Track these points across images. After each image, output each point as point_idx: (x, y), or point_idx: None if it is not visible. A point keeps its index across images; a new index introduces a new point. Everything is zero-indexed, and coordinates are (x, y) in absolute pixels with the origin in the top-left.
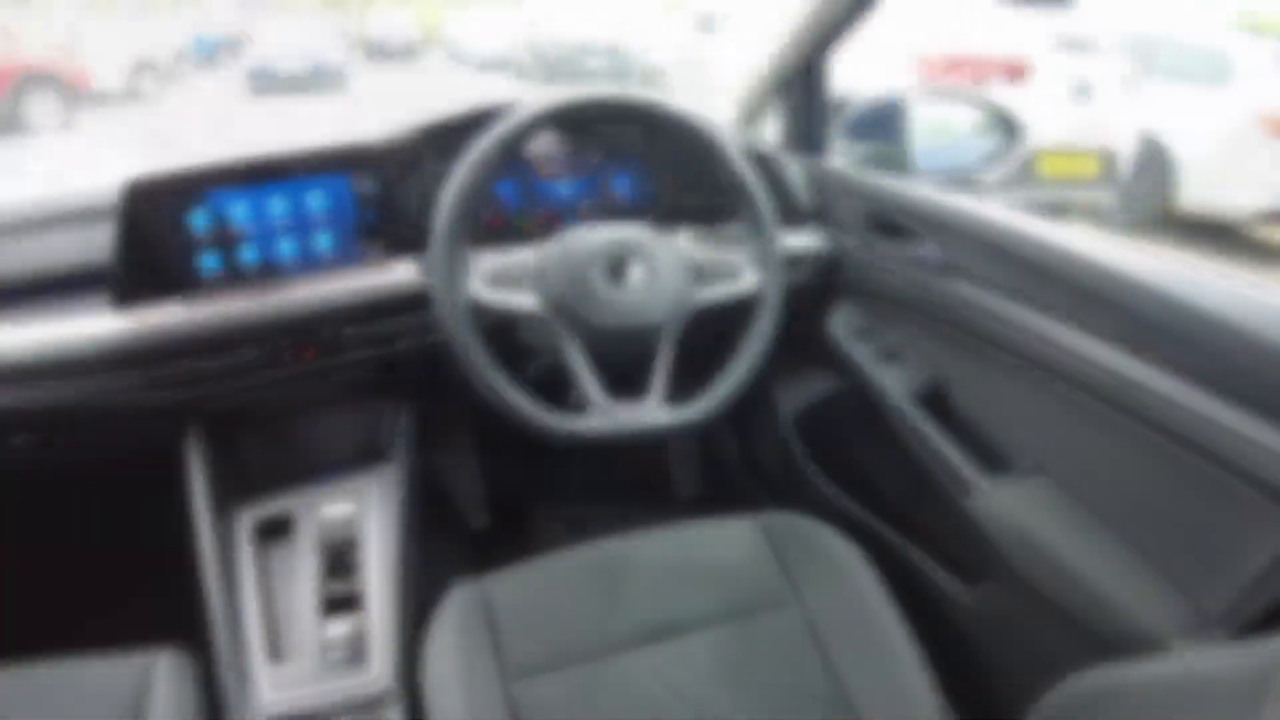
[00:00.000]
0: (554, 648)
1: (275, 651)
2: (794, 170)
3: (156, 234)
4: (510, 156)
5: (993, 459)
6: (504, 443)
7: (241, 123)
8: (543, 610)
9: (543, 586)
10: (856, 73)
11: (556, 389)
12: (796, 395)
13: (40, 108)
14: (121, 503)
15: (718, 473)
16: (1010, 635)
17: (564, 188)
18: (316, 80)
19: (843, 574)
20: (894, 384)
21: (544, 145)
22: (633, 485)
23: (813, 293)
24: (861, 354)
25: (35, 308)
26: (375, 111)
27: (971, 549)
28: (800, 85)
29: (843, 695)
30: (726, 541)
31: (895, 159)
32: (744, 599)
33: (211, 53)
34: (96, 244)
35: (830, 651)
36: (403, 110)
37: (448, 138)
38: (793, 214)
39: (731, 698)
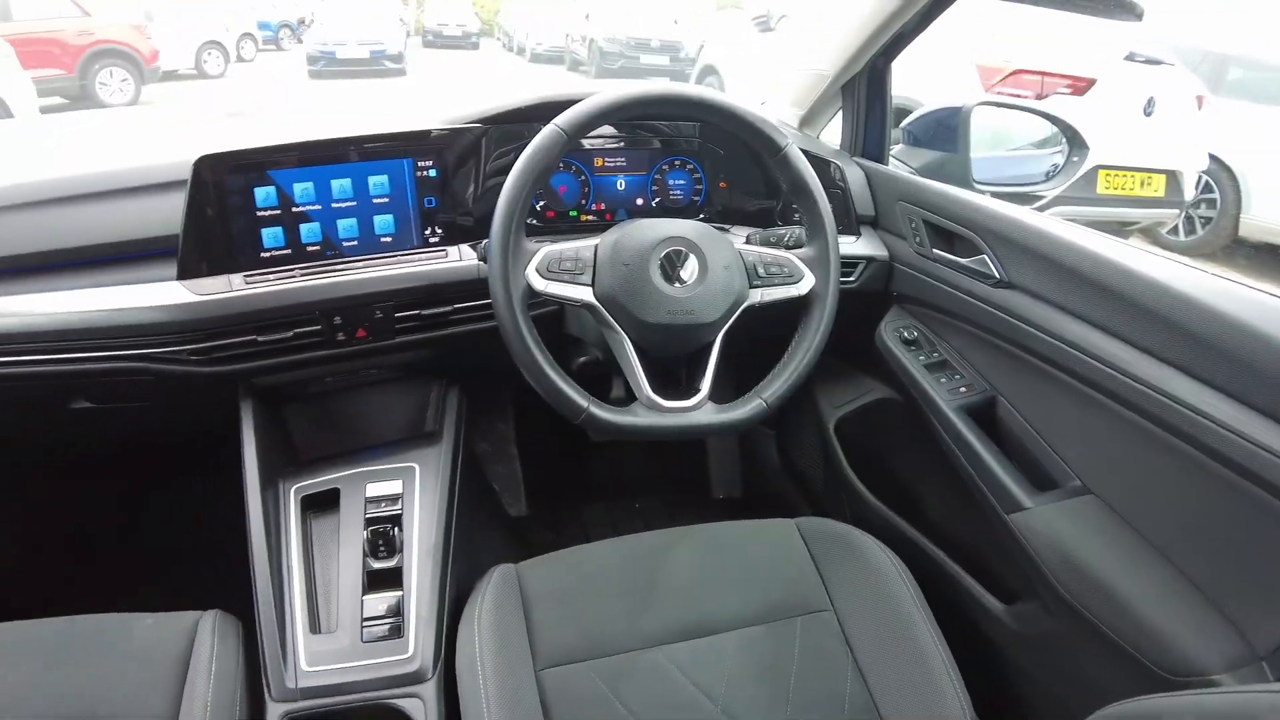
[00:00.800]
0: (586, 637)
1: (315, 623)
2: (853, 174)
3: (223, 208)
4: (571, 148)
5: (1039, 476)
6: (544, 433)
7: (303, 103)
8: (577, 600)
9: (579, 576)
10: (914, 80)
11: (598, 383)
12: (840, 401)
13: (112, 83)
14: (175, 471)
15: (755, 474)
16: (1048, 657)
17: (619, 182)
18: (375, 66)
19: (880, 582)
20: (942, 395)
21: (601, 139)
22: (669, 482)
23: (865, 298)
24: (911, 363)
25: (102, 274)
26: (432, 99)
27: (1012, 566)
28: (862, 90)
29: (873, 704)
30: (764, 542)
31: (954, 168)
32: (779, 601)
33: (275, 35)
34: (164, 215)
35: (863, 659)
36: (457, 99)
37: (509, 127)
38: (849, 219)
39: (761, 699)
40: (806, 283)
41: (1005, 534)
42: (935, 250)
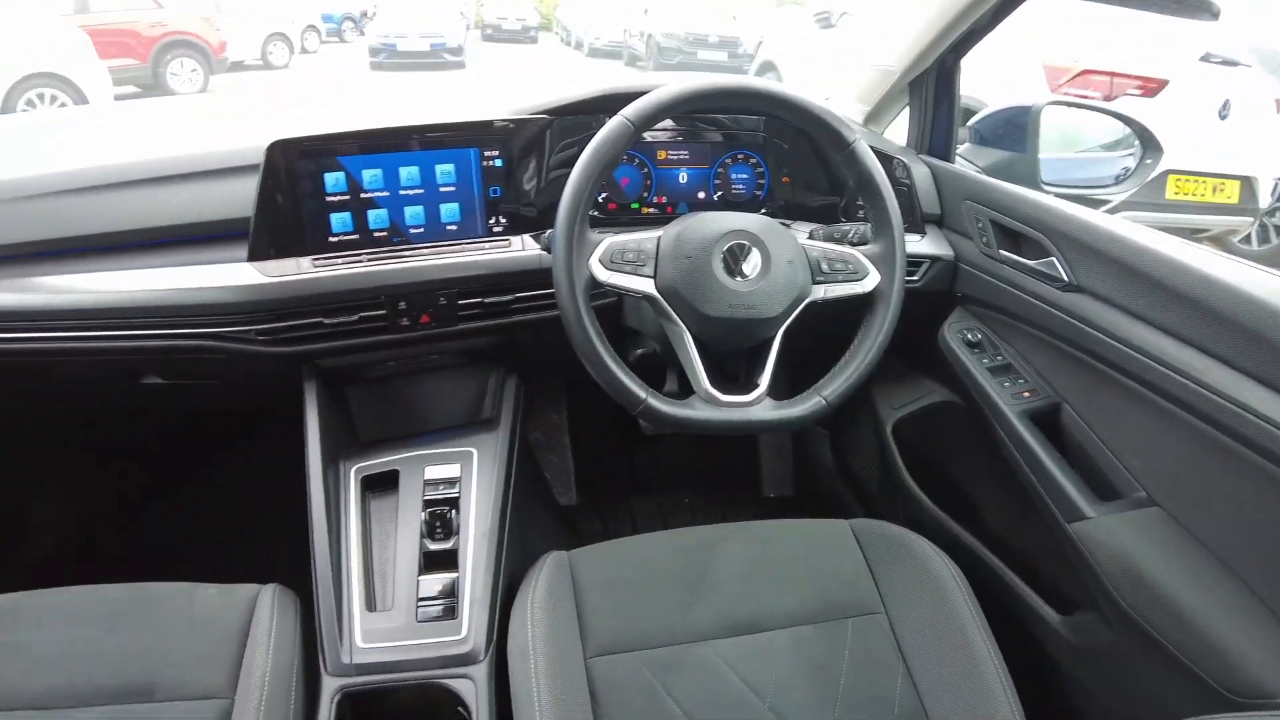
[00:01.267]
0: (636, 628)
1: (371, 601)
2: (919, 172)
3: (294, 193)
4: (636, 140)
5: (1102, 486)
6: (596, 424)
7: (365, 94)
8: (628, 590)
9: (630, 566)
10: (978, 78)
11: (652, 376)
12: (899, 402)
13: (182, 73)
14: (238, 447)
15: (807, 474)
16: (1106, 671)
17: (681, 175)
18: (434, 58)
19: (934, 587)
20: (1005, 399)
21: (663, 132)
22: (719, 479)
23: (928, 298)
24: (974, 365)
25: (174, 255)
26: (491, 92)
27: (1071, 576)
28: (930, 87)
29: (922, 709)
30: (818, 542)
31: (1021, 169)
32: (831, 601)
33: (338, 27)
34: (234, 199)
35: (914, 664)
36: (518, 91)
37: (573, 119)
38: (914, 217)
39: (808, 699)
40: (871, 280)
41: (1065, 543)
42: (1002, 251)
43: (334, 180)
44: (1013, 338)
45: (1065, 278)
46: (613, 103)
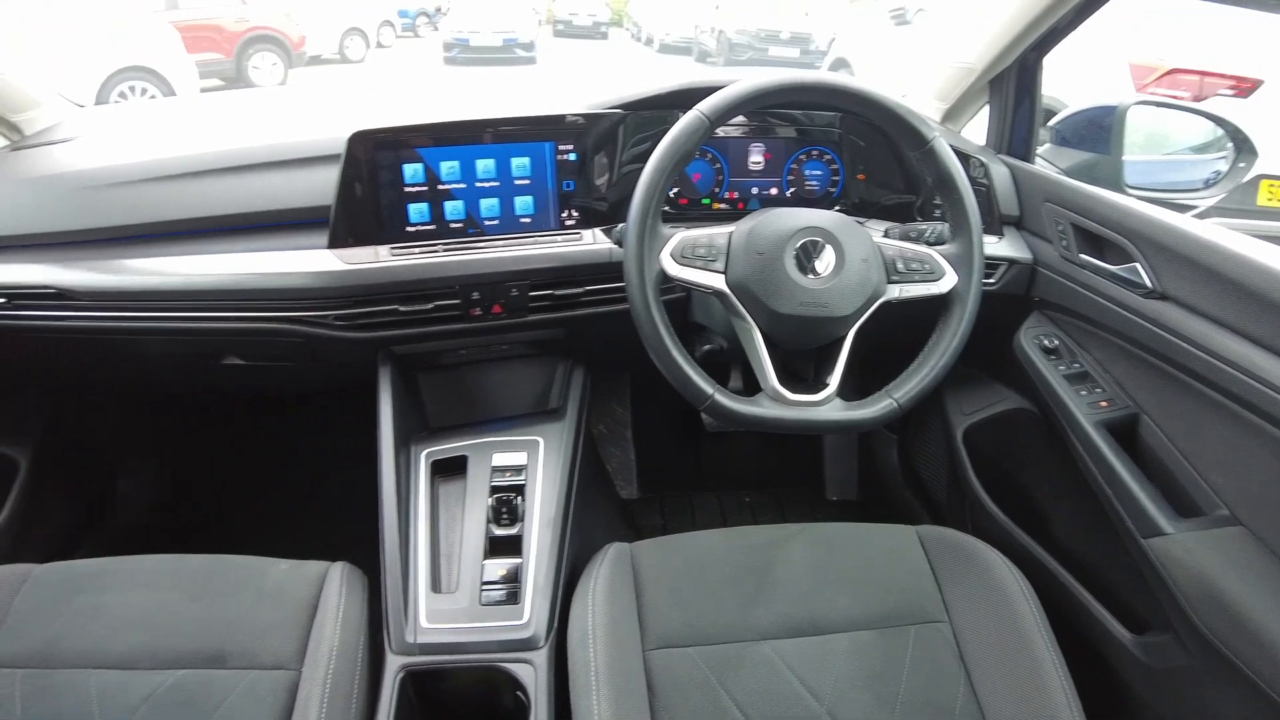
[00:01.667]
0: (695, 623)
1: (437, 583)
2: (997, 172)
3: (374, 183)
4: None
5: (1181, 502)
6: (659, 419)
7: (439, 88)
8: (689, 585)
9: (691, 562)
10: (1058, 77)
11: (716, 373)
12: (971, 408)
13: (263, 67)
14: (313, 430)
15: (871, 478)
16: (1179, 695)
17: (753, 171)
18: (506, 54)
19: (1000, 598)
20: (1081, 408)
21: (736, 128)
22: (782, 479)
23: (1003, 302)
24: (1050, 372)
25: (255, 240)
26: (563, 87)
27: (1145, 594)
28: (1011, 85)
29: None
30: (882, 547)
31: (1105, 171)
32: (893, 607)
33: (412, 22)
34: (316, 187)
35: (976, 675)
36: (590, 86)
37: (645, 114)
38: (992, 218)
39: (867, 704)
40: (948, 281)
41: (1140, 560)
42: (1082, 255)
43: (413, 171)
44: (1091, 345)
45: (1149, 284)
46: (688, 98)
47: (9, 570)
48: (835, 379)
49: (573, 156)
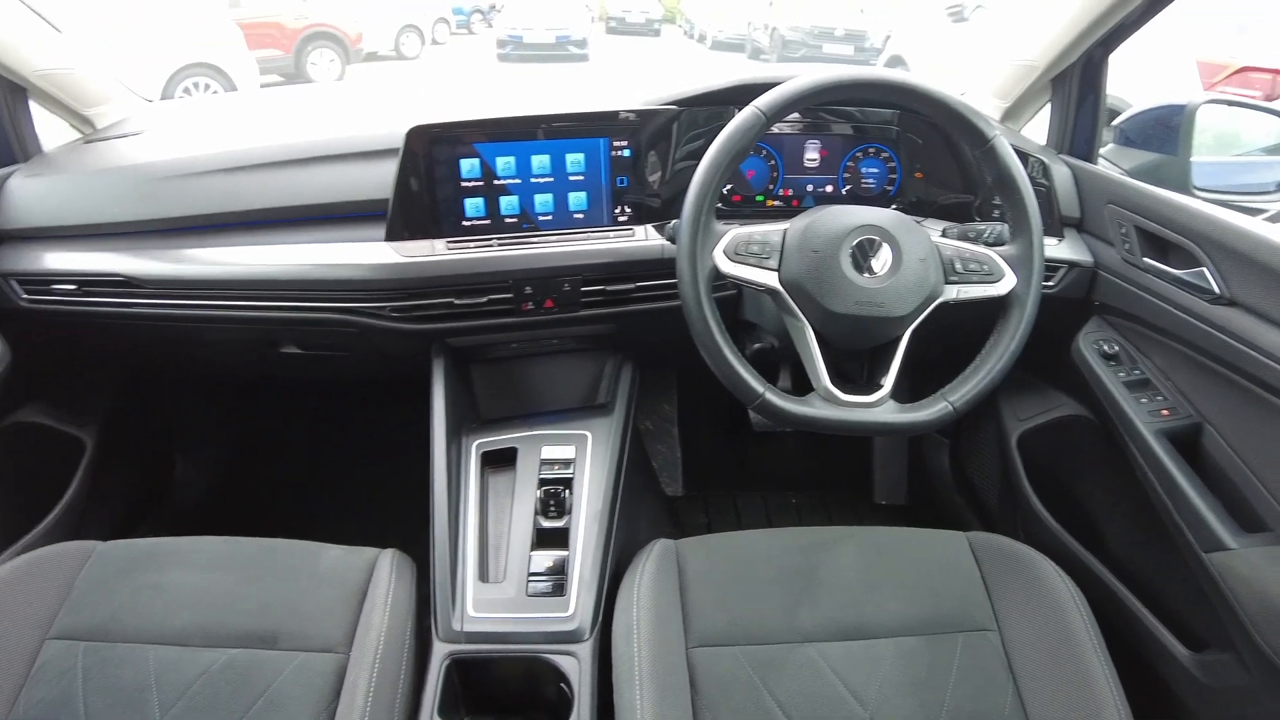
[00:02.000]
0: (739, 622)
1: (484, 572)
2: (1059, 173)
3: (430, 177)
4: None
5: (1245, 516)
6: (706, 417)
7: (493, 85)
8: (734, 584)
9: (737, 561)
10: (1122, 75)
11: (765, 371)
12: (1026, 414)
13: (321, 63)
14: (367, 419)
15: (922, 482)
16: (1239, 715)
17: (808, 168)
18: (560, 51)
19: (1052, 608)
20: (1142, 416)
21: (791, 125)
22: (829, 482)
23: (1063, 306)
24: (1110, 379)
25: (313, 232)
26: (616, 84)
27: (1204, 610)
28: (1074, 83)
29: None
30: (931, 553)
31: (1171, 173)
32: (941, 614)
33: (466, 19)
34: (374, 181)
35: (1025, 686)
36: (643, 83)
37: (699, 111)
38: (1052, 219)
39: (911, 711)
40: (1006, 283)
41: (1200, 574)
42: (1146, 259)
43: (469, 166)
44: (1152, 351)
45: (1216, 289)
46: (743, 94)
47: (74, 547)
48: (890, 380)
49: (627, 153)
